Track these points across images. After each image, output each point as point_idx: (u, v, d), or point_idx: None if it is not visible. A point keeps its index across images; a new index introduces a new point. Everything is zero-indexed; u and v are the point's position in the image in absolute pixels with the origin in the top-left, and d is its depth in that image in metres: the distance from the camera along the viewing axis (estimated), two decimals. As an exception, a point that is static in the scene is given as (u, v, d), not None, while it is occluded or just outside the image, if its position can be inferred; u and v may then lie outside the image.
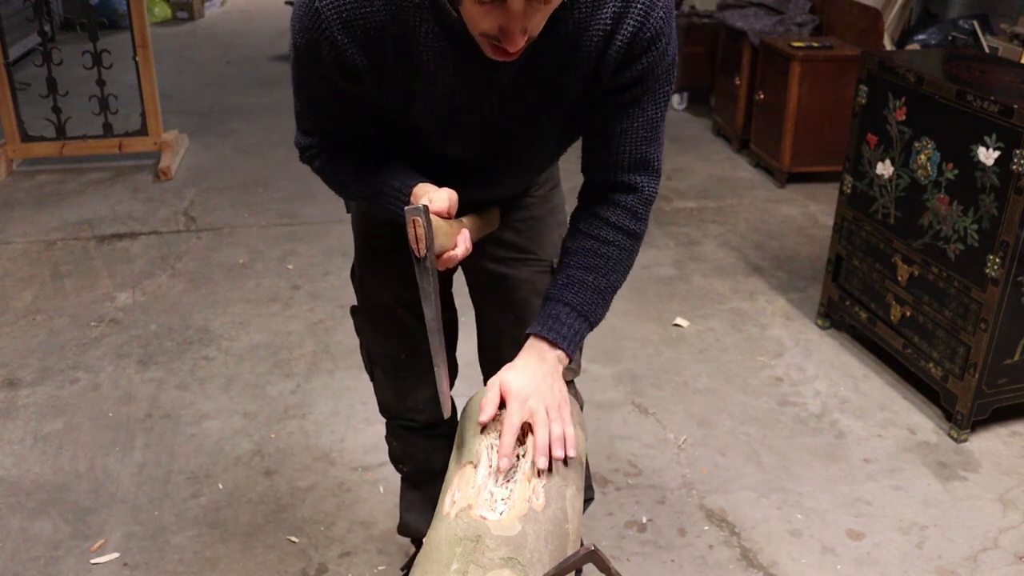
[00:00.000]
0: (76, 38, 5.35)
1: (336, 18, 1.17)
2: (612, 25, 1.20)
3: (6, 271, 3.55)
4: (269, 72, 6.80)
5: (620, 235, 1.35)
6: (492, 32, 1.08)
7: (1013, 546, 2.20)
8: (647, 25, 1.20)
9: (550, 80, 1.25)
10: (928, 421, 2.68)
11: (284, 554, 2.15)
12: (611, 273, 1.35)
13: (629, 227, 1.35)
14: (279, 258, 3.68)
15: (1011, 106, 2.29)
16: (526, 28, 1.08)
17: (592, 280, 1.33)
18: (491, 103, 1.27)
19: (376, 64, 1.22)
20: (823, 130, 4.38)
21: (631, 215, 1.35)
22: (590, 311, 1.33)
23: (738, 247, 3.83)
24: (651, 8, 1.20)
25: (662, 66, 1.25)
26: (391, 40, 1.19)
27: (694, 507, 2.32)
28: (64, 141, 4.56)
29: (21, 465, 2.45)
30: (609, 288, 1.36)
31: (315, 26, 1.19)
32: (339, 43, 1.19)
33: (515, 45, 1.07)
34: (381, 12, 1.17)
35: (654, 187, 1.36)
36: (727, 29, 5.04)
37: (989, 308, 2.43)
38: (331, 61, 1.22)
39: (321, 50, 1.21)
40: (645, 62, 1.23)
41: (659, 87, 1.28)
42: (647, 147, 1.32)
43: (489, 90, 1.25)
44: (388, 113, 1.33)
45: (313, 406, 2.71)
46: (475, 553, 1.05)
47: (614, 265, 1.35)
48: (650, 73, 1.24)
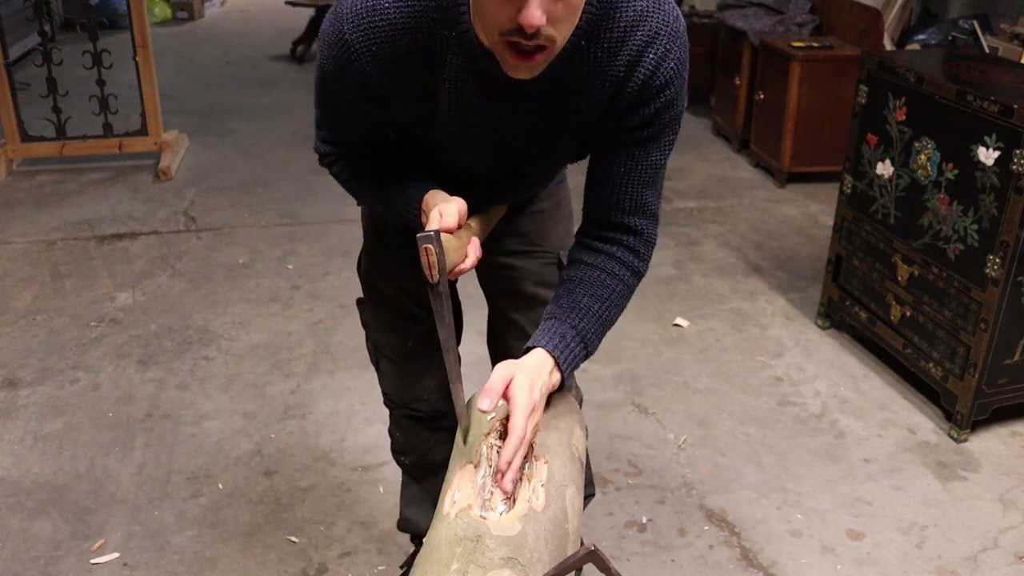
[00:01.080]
0: (76, 38, 5.35)
1: (365, 51, 1.21)
2: (626, 71, 1.23)
3: (6, 271, 3.55)
4: (269, 72, 6.80)
5: (625, 271, 1.36)
6: (509, 25, 1.06)
7: (1013, 546, 2.20)
8: (659, 73, 1.23)
9: (564, 115, 1.29)
10: (928, 421, 2.68)
11: (284, 554, 2.15)
12: (612, 308, 1.35)
13: (633, 264, 1.37)
14: (279, 258, 3.68)
15: (1011, 106, 2.29)
16: (545, 13, 1.05)
17: (597, 309, 1.33)
18: (507, 130, 1.32)
19: (400, 91, 1.27)
20: (823, 130, 4.38)
21: (634, 254, 1.37)
22: (590, 341, 1.33)
23: (738, 247, 3.83)
24: (664, 58, 1.22)
25: (671, 114, 1.28)
26: (417, 69, 1.24)
27: (694, 507, 2.32)
28: (64, 141, 4.56)
29: (21, 465, 2.45)
30: (609, 321, 1.36)
31: (344, 55, 1.23)
32: (367, 73, 1.24)
33: (531, 19, 1.03)
34: (408, 43, 1.21)
35: (653, 231, 1.38)
36: (727, 29, 5.04)
37: (989, 308, 2.43)
38: (358, 87, 1.26)
39: (349, 78, 1.25)
40: (654, 107, 1.25)
41: (664, 135, 1.30)
42: (647, 191, 1.34)
43: (507, 118, 1.29)
44: (408, 130, 1.39)
45: (313, 406, 2.71)
46: (475, 553, 1.05)
47: (616, 300, 1.36)
48: (658, 118, 1.27)
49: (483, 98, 1.26)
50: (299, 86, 6.44)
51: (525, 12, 1.03)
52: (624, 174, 1.32)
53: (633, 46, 1.21)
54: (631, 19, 1.20)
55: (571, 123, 1.30)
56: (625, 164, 1.32)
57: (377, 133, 1.44)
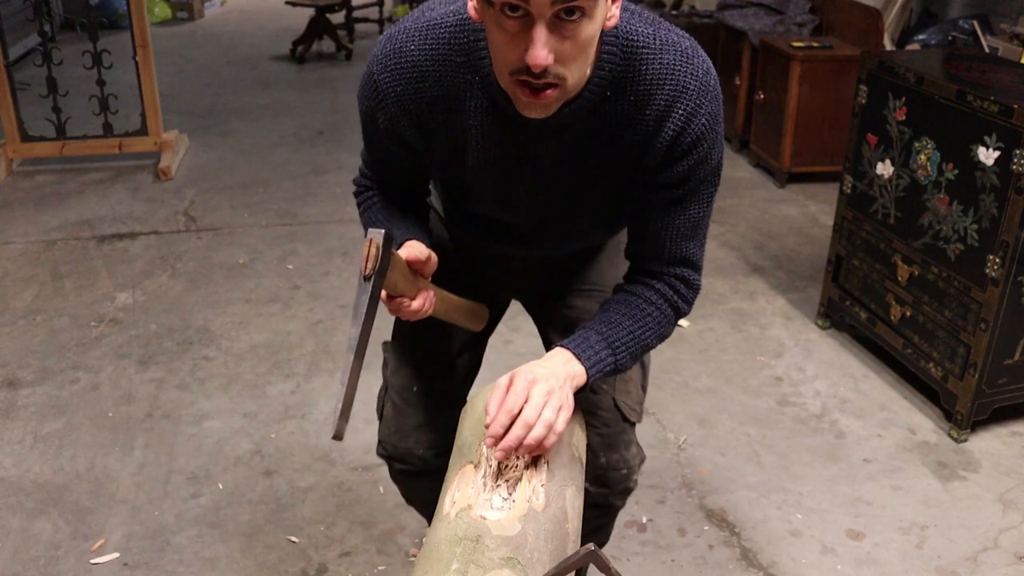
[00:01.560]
0: (76, 38, 5.36)
1: (392, 93, 1.25)
2: (654, 126, 1.20)
3: (6, 271, 3.55)
4: (269, 72, 6.80)
5: (663, 302, 1.33)
6: (518, 64, 1.06)
7: (1013, 546, 2.20)
8: (688, 130, 1.20)
9: (591, 168, 1.27)
10: (928, 421, 2.68)
11: (284, 554, 2.15)
12: (646, 329, 1.32)
13: (672, 299, 1.34)
14: (279, 258, 3.68)
15: (1011, 106, 2.29)
16: (552, 52, 1.05)
17: (628, 324, 1.30)
18: (535, 179, 1.30)
19: (427, 137, 1.29)
20: (823, 130, 4.38)
21: (675, 292, 1.35)
22: (619, 349, 1.29)
23: (738, 247, 3.83)
24: (694, 114, 1.20)
25: (705, 169, 1.25)
26: (442, 114, 1.25)
27: (694, 507, 2.32)
28: (64, 141, 4.56)
29: (21, 465, 2.45)
30: (641, 339, 1.32)
31: (374, 96, 1.27)
32: (393, 115, 1.27)
33: (537, 59, 1.03)
34: (433, 88, 1.23)
35: (696, 280, 1.36)
36: (727, 29, 5.04)
37: (989, 308, 2.43)
38: (386, 129, 1.30)
39: (378, 119, 1.30)
40: (687, 164, 1.23)
41: (702, 189, 1.28)
42: (687, 244, 1.32)
43: (532, 167, 1.28)
44: (440, 177, 1.41)
45: (313, 406, 2.71)
46: (475, 553, 1.05)
47: (650, 323, 1.32)
48: (692, 175, 1.25)
49: (507, 144, 1.25)
50: (299, 86, 6.44)
51: (531, 52, 1.03)
52: (663, 229, 1.30)
53: (661, 100, 1.19)
54: (658, 72, 1.18)
55: (601, 176, 1.28)
56: (663, 220, 1.29)
57: (411, 179, 1.45)
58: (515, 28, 1.04)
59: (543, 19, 1.02)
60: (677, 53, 1.19)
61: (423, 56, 1.21)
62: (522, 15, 1.02)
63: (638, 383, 1.53)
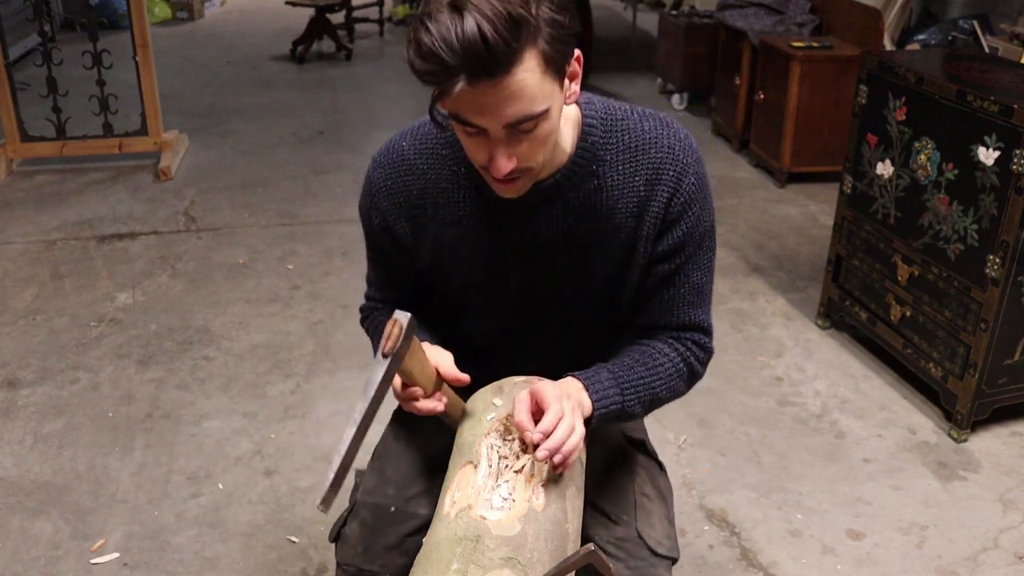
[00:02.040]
0: (76, 38, 5.35)
1: (383, 188, 1.28)
2: (646, 191, 1.22)
3: (6, 271, 3.55)
4: (269, 72, 6.80)
5: (676, 355, 1.30)
6: (485, 163, 1.11)
7: (1013, 546, 2.20)
8: (680, 190, 1.22)
9: (587, 246, 1.26)
10: (928, 421, 2.68)
11: (284, 554, 2.15)
12: (657, 377, 1.27)
13: (686, 356, 1.31)
14: (279, 258, 3.68)
15: (1011, 106, 2.29)
16: (513, 155, 1.09)
17: (640, 370, 1.26)
18: (526, 261, 1.29)
19: (419, 233, 1.29)
20: (823, 130, 4.38)
21: (689, 351, 1.32)
22: (627, 390, 1.24)
23: (738, 247, 3.83)
24: (683, 173, 1.22)
25: (700, 231, 1.26)
26: (432, 208, 1.27)
27: (694, 507, 2.32)
28: (64, 141, 4.56)
29: (21, 465, 2.45)
30: (651, 386, 1.27)
31: (367, 193, 1.31)
32: (385, 210, 1.29)
33: (498, 171, 1.08)
34: (422, 181, 1.26)
35: (709, 344, 1.33)
36: (727, 29, 5.04)
37: (989, 308, 2.43)
38: (380, 229, 1.32)
39: (372, 218, 1.32)
40: (682, 228, 1.24)
41: (700, 254, 1.28)
42: (695, 311, 1.30)
43: (526, 245, 1.27)
44: (434, 282, 1.36)
45: (313, 406, 2.71)
46: (475, 553, 1.05)
47: (662, 373, 1.28)
48: (689, 239, 1.25)
49: (499, 227, 1.26)
50: (299, 86, 6.44)
51: (492, 165, 1.09)
52: (668, 300, 1.29)
53: (650, 164, 1.21)
54: (641, 139, 1.22)
55: (598, 255, 1.27)
56: (668, 292, 1.28)
57: (409, 286, 1.41)
58: (475, 137, 1.09)
59: (499, 135, 1.07)
60: (656, 120, 1.24)
61: (413, 151, 1.27)
62: (480, 131, 1.07)
63: (662, 515, 1.42)
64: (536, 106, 1.05)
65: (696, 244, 1.27)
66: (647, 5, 9.13)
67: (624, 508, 1.39)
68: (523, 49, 1.00)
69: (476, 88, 1.00)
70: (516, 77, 1.01)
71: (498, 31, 0.96)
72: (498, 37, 0.96)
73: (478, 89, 1.00)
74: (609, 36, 7.85)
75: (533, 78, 1.02)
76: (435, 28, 0.97)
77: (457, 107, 1.05)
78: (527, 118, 1.05)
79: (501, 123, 1.05)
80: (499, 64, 0.99)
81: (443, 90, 1.01)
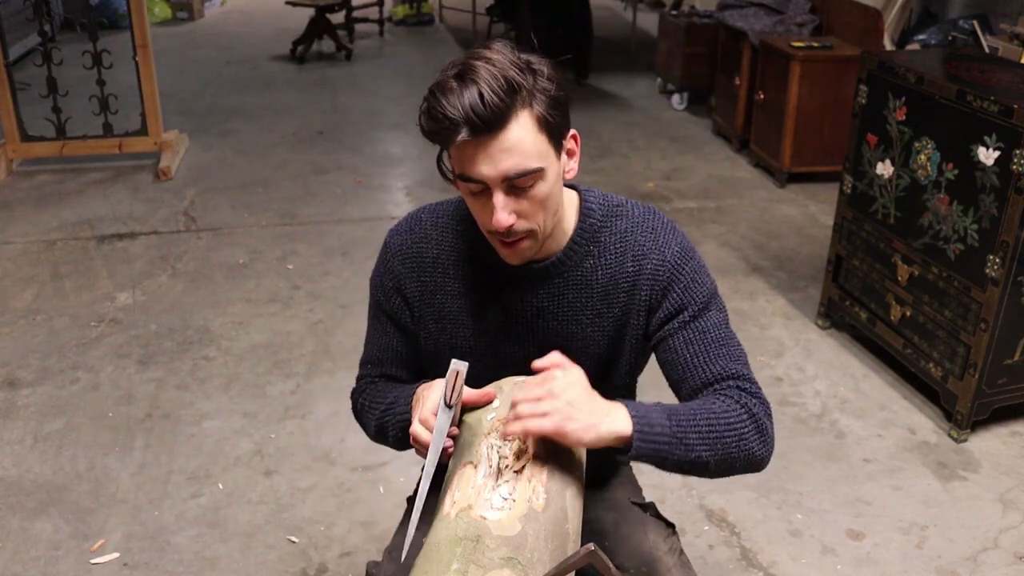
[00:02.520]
0: (76, 38, 5.36)
1: (399, 251, 1.37)
2: (635, 268, 1.31)
3: (6, 271, 3.55)
4: (269, 72, 6.81)
5: (729, 399, 1.23)
6: (490, 225, 1.20)
7: (1013, 546, 2.20)
8: (665, 260, 1.31)
9: (581, 321, 1.33)
10: (928, 421, 2.68)
11: (284, 554, 2.15)
12: (712, 414, 1.19)
13: (740, 398, 1.24)
14: (279, 258, 3.68)
15: (1011, 106, 2.29)
16: (513, 212, 1.18)
17: (692, 405, 1.21)
18: (524, 337, 1.34)
19: (427, 298, 1.36)
20: (823, 130, 4.38)
21: (740, 394, 1.25)
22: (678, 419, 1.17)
23: (738, 247, 3.83)
24: (667, 244, 1.32)
25: (700, 294, 1.31)
26: (441, 276, 1.35)
27: (694, 507, 2.32)
28: (64, 141, 4.57)
29: (21, 465, 2.45)
30: (708, 421, 1.19)
31: (383, 258, 1.38)
32: (398, 273, 1.36)
33: (499, 223, 1.17)
34: (435, 249, 1.35)
35: (756, 390, 1.27)
36: (727, 29, 5.04)
37: (989, 308, 2.43)
38: (392, 290, 1.37)
39: (386, 282, 1.38)
40: (678, 291, 1.30)
41: (708, 314, 1.30)
42: (725, 362, 1.27)
43: (523, 320, 1.34)
44: (435, 351, 1.39)
45: (313, 406, 2.71)
46: (475, 553, 1.05)
47: (718, 411, 1.20)
48: (689, 300, 1.30)
49: (502, 302, 1.33)
50: (299, 86, 6.44)
51: (494, 218, 1.18)
52: (692, 357, 1.28)
53: (637, 246, 1.32)
54: (631, 224, 1.33)
55: (595, 328, 1.33)
56: (689, 348, 1.28)
57: (411, 359, 1.43)
58: (481, 197, 1.19)
59: (499, 188, 1.17)
60: (644, 209, 1.36)
61: (430, 222, 1.37)
62: (483, 187, 1.18)
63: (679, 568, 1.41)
64: (531, 162, 1.16)
65: (700, 305, 1.30)
66: (647, 5, 9.14)
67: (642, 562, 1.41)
68: (517, 108, 1.14)
69: (477, 141, 1.13)
70: (511, 132, 1.14)
71: (495, 92, 1.11)
72: (495, 97, 1.11)
73: (479, 142, 1.13)
74: (609, 36, 7.85)
75: (528, 136, 1.15)
76: (441, 95, 1.12)
77: (462, 162, 1.17)
78: (523, 172, 1.16)
79: (499, 175, 1.15)
80: (496, 119, 1.12)
81: (448, 141, 1.14)
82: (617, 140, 5.24)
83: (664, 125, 5.55)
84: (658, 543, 1.45)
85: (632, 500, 1.54)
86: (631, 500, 1.53)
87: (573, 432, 1.12)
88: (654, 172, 4.75)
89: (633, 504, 1.52)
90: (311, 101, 6.01)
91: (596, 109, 5.85)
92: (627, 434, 1.14)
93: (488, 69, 1.12)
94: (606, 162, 4.86)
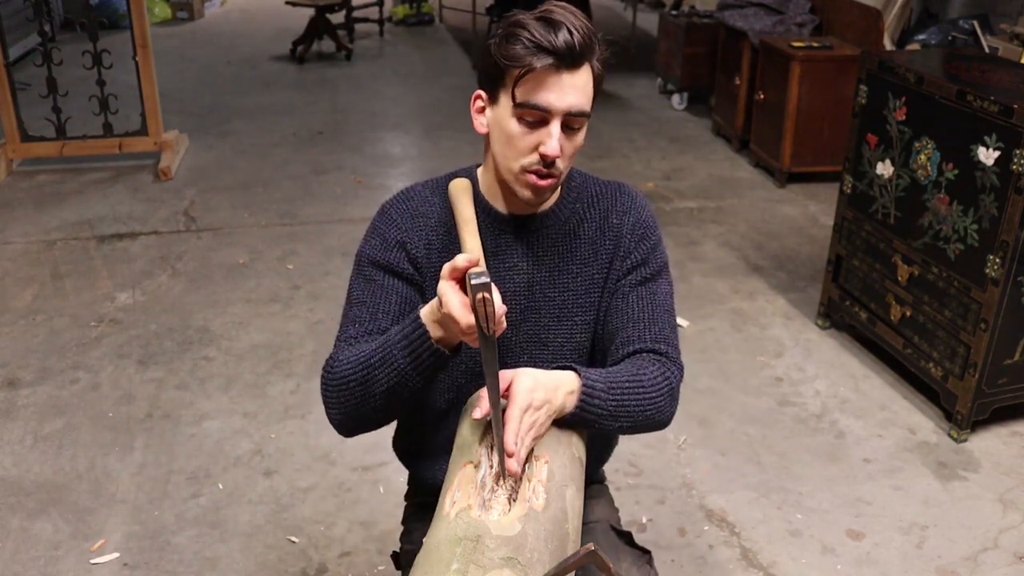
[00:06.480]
0: (76, 38, 5.36)
1: (403, 213, 1.40)
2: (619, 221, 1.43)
3: (6, 271, 3.55)
4: (269, 72, 6.80)
5: (659, 367, 1.34)
6: (530, 154, 1.27)
7: (1013, 546, 2.20)
8: (642, 217, 1.44)
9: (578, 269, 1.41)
10: (928, 421, 2.68)
11: (284, 554, 2.15)
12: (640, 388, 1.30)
13: (667, 368, 1.35)
14: (279, 258, 3.68)
15: (1011, 106, 2.29)
16: (561, 146, 1.27)
17: (629, 374, 1.30)
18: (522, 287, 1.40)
19: (432, 256, 1.38)
20: (823, 130, 4.38)
21: (663, 360, 1.36)
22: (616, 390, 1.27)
23: (738, 247, 3.83)
24: (643, 207, 1.45)
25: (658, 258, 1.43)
26: (445, 237, 1.39)
27: (694, 507, 2.32)
28: (64, 141, 4.56)
29: (21, 465, 2.45)
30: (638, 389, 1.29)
31: (381, 223, 1.40)
32: (403, 229, 1.38)
33: (552, 150, 1.26)
34: (437, 210, 1.40)
35: (678, 359, 1.39)
36: (727, 29, 5.04)
37: (989, 308, 2.43)
38: (396, 245, 1.38)
39: (389, 237, 1.38)
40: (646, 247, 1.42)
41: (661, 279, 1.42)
42: (662, 326, 1.39)
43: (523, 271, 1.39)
44: None
45: (313, 406, 2.71)
46: (475, 553, 1.05)
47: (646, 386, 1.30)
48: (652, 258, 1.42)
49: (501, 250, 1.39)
50: (299, 86, 6.44)
51: (549, 144, 1.26)
52: (639, 312, 1.40)
53: (619, 204, 1.45)
54: (609, 188, 1.46)
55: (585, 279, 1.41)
56: (637, 303, 1.40)
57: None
58: (533, 128, 1.27)
59: (558, 120, 1.26)
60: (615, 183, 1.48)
61: (427, 191, 1.43)
62: (540, 119, 1.26)
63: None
64: (587, 106, 1.29)
65: (657, 267, 1.42)
66: (647, 5, 9.14)
67: None
68: (590, 56, 1.28)
69: (558, 72, 1.24)
70: (583, 73, 1.27)
71: (584, 35, 1.25)
72: (583, 38, 1.25)
73: (558, 74, 1.24)
74: (609, 36, 7.85)
75: (590, 83, 1.29)
76: (534, 29, 1.23)
77: (532, 90, 1.24)
78: (582, 112, 1.27)
79: (565, 107, 1.25)
80: (580, 56, 1.25)
81: (529, 66, 1.23)
82: (617, 140, 5.24)
83: (664, 125, 5.55)
84: (631, 572, 1.46)
85: (611, 525, 1.54)
86: (610, 525, 1.54)
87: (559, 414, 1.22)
88: (654, 172, 4.75)
89: (611, 529, 1.53)
90: (311, 101, 6.01)
91: (596, 109, 5.83)
92: (574, 388, 1.25)
93: (573, 18, 1.26)
94: (606, 162, 4.86)
